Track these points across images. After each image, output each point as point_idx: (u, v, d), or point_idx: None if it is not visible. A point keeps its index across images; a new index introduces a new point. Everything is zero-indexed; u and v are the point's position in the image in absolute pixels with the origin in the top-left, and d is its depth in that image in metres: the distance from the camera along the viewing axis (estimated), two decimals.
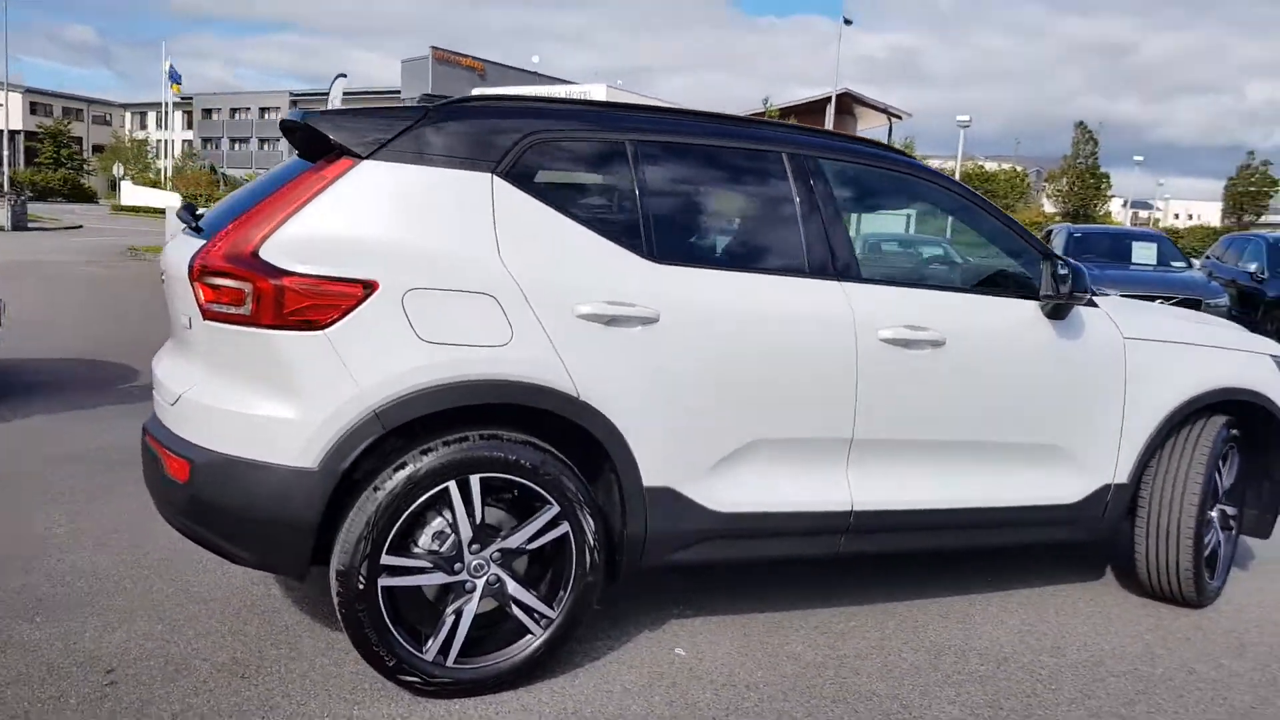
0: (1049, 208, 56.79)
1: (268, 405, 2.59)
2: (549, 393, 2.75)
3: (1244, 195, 53.49)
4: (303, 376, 2.57)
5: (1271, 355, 3.93)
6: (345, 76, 17.98)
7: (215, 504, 2.63)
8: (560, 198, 2.93)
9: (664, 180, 3.10)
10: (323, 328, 2.56)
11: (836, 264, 3.19)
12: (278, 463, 2.57)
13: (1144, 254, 12.90)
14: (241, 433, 2.60)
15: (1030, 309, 3.45)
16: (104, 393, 6.66)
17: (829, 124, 60.46)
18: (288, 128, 3.05)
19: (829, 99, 63.19)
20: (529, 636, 2.84)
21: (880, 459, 3.24)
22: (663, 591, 3.57)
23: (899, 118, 66.95)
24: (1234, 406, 3.76)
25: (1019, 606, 3.73)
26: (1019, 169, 54.80)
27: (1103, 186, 56.58)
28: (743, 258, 3.25)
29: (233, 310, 2.58)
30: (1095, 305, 3.59)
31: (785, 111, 45.38)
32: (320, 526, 2.62)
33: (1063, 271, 3.35)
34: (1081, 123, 56.98)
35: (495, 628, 2.85)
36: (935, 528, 3.39)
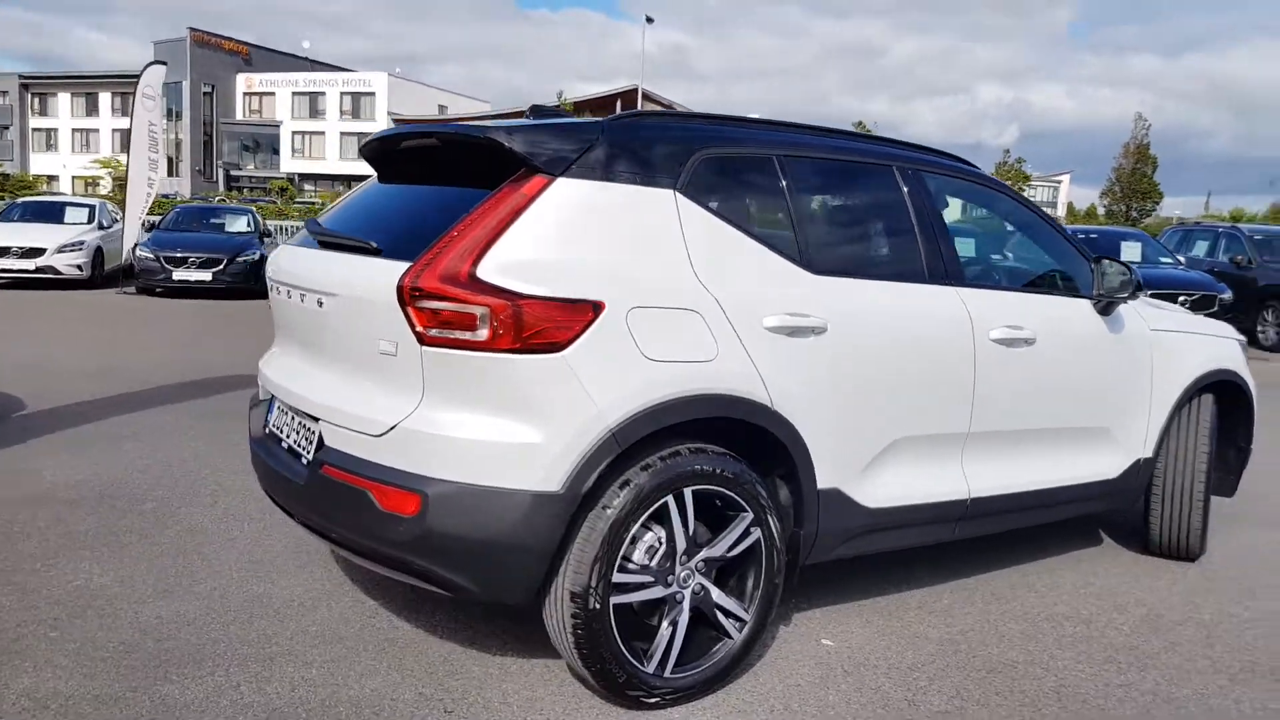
0: None
1: (508, 430, 2.54)
2: (751, 404, 2.84)
3: None
4: (544, 399, 2.54)
5: (1237, 339, 4.57)
6: None
7: (452, 535, 2.54)
8: (730, 213, 3.01)
9: (808, 194, 3.26)
10: (561, 349, 2.54)
11: (949, 270, 3.45)
12: (522, 488, 2.53)
13: (1131, 253, 14.16)
14: (481, 460, 2.54)
15: (1086, 307, 3.86)
16: (7, 423, 5.99)
17: None
18: (452, 140, 2.95)
19: (618, 95, 64.30)
20: (726, 640, 2.92)
21: (987, 450, 3.55)
22: None
23: None
24: (1217, 385, 4.35)
25: (1058, 574, 4.17)
26: None
27: None
28: (878, 266, 3.45)
29: (463, 335, 2.50)
30: (1126, 302, 4.07)
31: (579, 106, 45.86)
32: (556, 551, 2.60)
33: (1118, 272, 3.79)
34: (860, 123, 60.98)
35: (693, 635, 2.91)
36: (1023, 509, 3.75)
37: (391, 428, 2.61)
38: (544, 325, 2.52)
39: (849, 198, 3.52)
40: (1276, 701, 3.07)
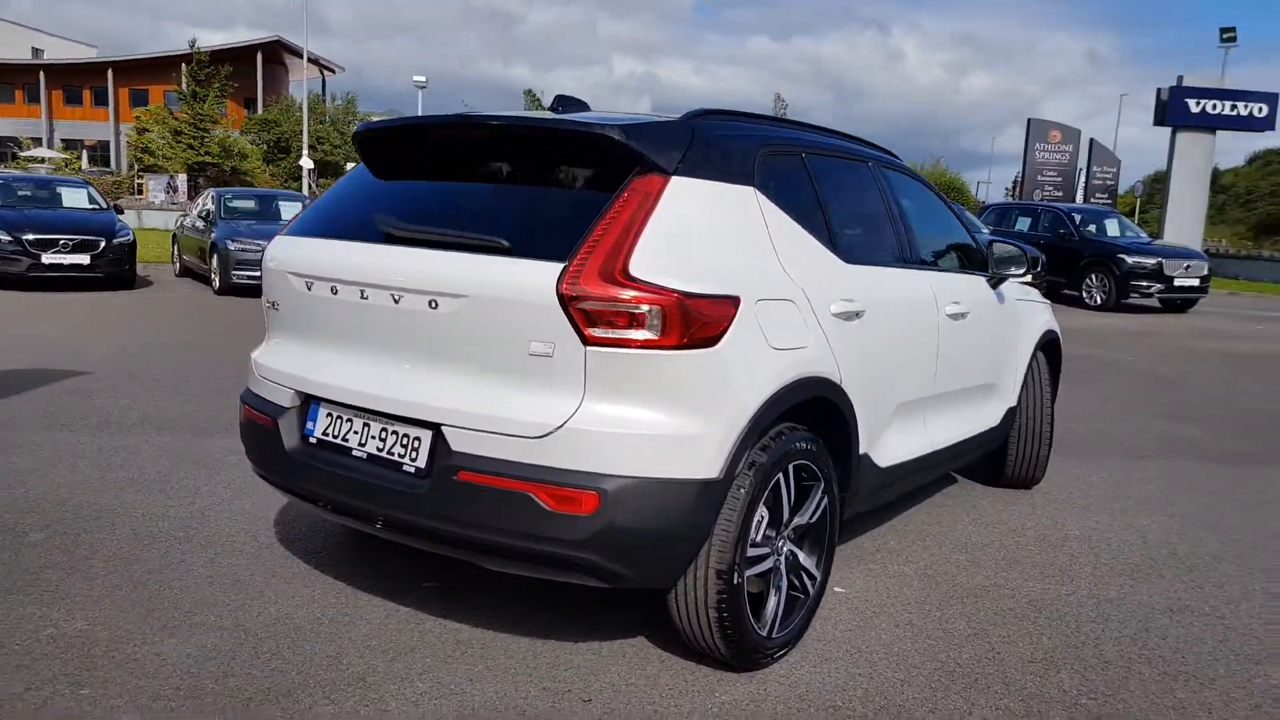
0: None
1: (675, 423, 2.63)
2: (831, 384, 3.15)
3: None
4: (703, 392, 2.66)
5: (1048, 303, 5.58)
6: None
7: (629, 528, 2.60)
8: (789, 208, 3.25)
9: (828, 188, 3.56)
10: (715, 343, 2.67)
11: (916, 255, 3.96)
12: (692, 477, 2.65)
13: None
14: (654, 454, 2.61)
15: (984, 282, 4.56)
16: None
17: (259, 73, 57.49)
18: (554, 135, 2.92)
19: (258, 46, 59.61)
20: (802, 598, 3.23)
21: (939, 408, 4.13)
22: None
23: (332, 71, 65.81)
24: (1049, 342, 5.31)
25: (951, 511, 4.92)
26: None
27: None
28: (879, 254, 3.83)
29: (629, 334, 2.56)
30: (1014, 278, 4.84)
31: (214, 56, 42.26)
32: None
33: (1011, 252, 4.52)
34: (529, 90, 61.38)
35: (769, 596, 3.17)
36: (953, 458, 4.39)
37: (556, 429, 2.60)
38: (703, 321, 2.64)
39: (849, 191, 3.88)
40: (1176, 591, 3.94)
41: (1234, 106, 23.03)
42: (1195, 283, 16.78)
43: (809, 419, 3.15)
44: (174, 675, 2.84)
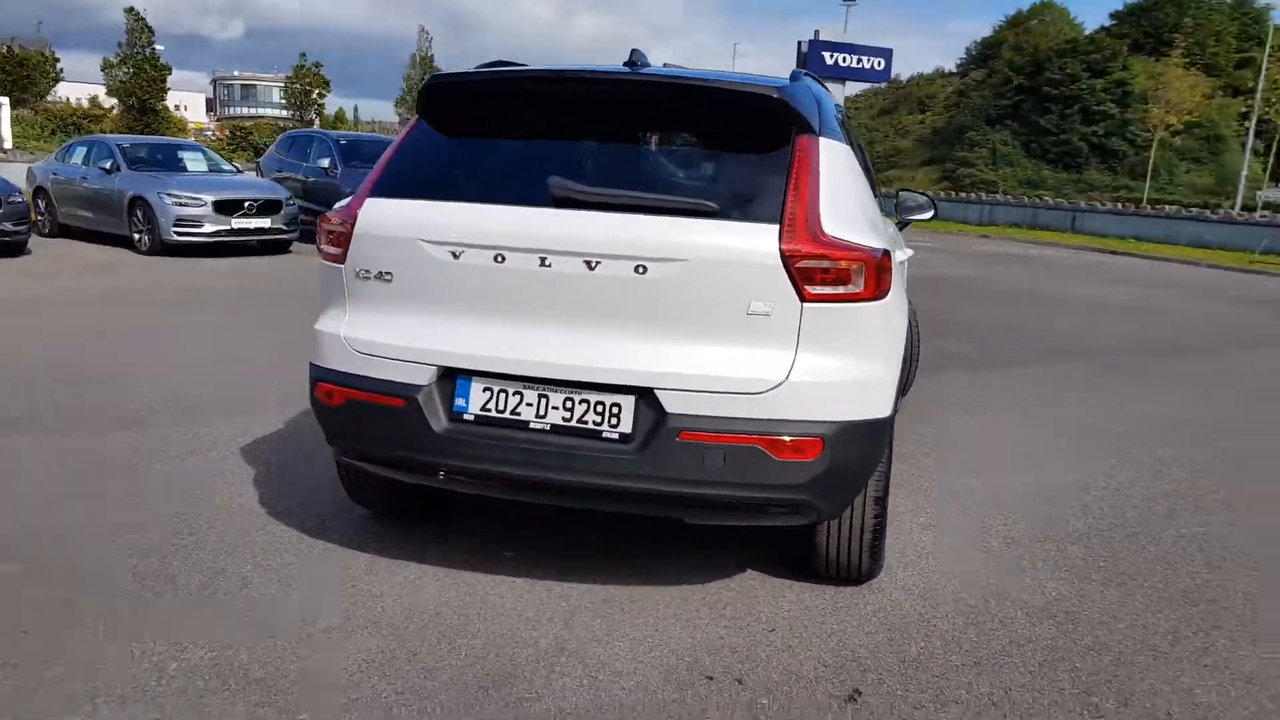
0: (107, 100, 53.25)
1: (869, 369, 2.89)
2: (912, 327, 3.56)
3: (302, 94, 58.77)
4: (885, 338, 2.96)
5: None
6: None
7: (842, 468, 2.84)
8: (862, 166, 3.57)
9: (859, 151, 3.91)
10: (887, 294, 2.96)
11: (885, 207, 4.46)
12: (884, 416, 2.95)
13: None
14: (861, 398, 2.87)
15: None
16: None
17: None
18: (714, 93, 2.97)
19: None
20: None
21: None
22: None
23: None
24: None
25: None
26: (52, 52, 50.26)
27: (164, 79, 55.04)
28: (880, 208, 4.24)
29: (840, 289, 2.78)
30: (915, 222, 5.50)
31: None
32: None
33: (917, 198, 5.20)
34: (132, 9, 54.20)
35: None
36: None
37: (780, 383, 2.77)
38: (886, 274, 2.92)
39: (863, 153, 4.22)
40: (1097, 547, 4.89)
41: (859, 60, 26.44)
42: None
43: None
44: (370, 681, 2.67)
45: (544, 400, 2.90)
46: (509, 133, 3.17)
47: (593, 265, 2.82)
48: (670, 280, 2.79)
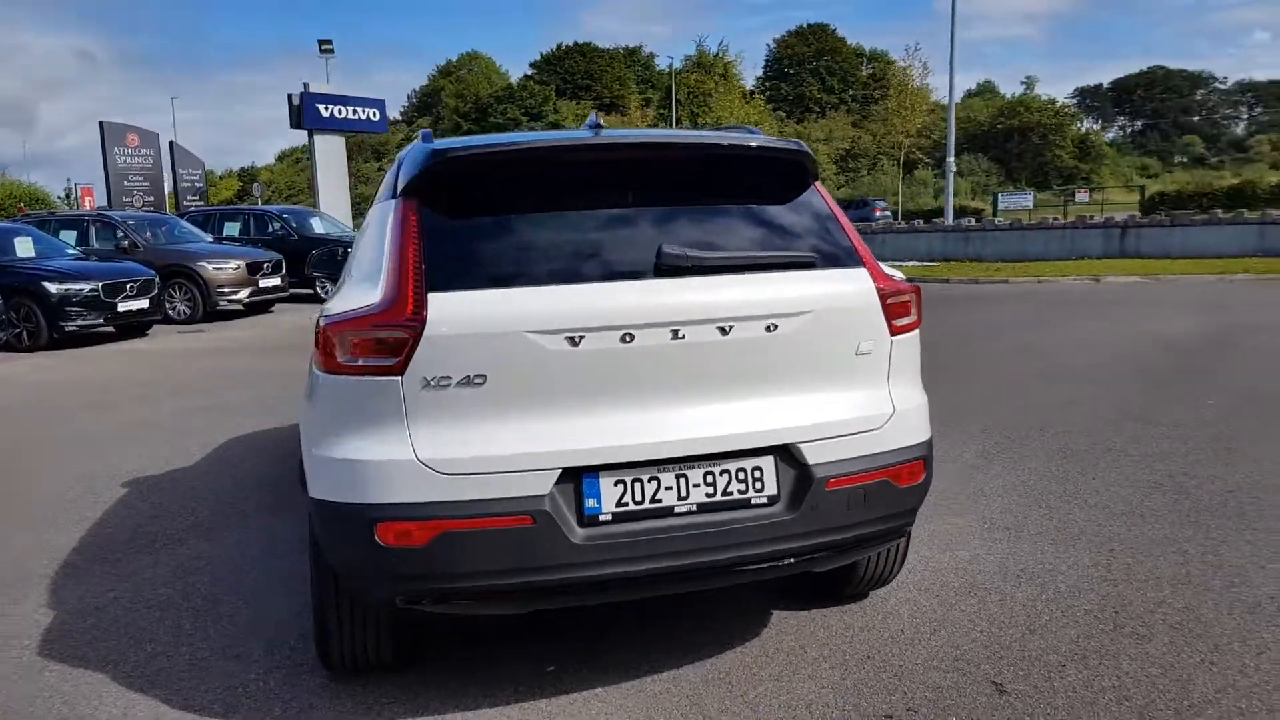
0: None
1: (920, 389, 3.12)
2: None
3: None
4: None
5: None
6: None
7: (929, 485, 3.05)
8: None
9: None
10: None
11: None
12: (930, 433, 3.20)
13: (24, 249, 13.28)
14: (926, 416, 3.08)
15: None
16: None
17: None
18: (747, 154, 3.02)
19: None
20: None
21: None
22: None
23: None
24: None
25: None
26: None
27: None
28: None
29: (907, 320, 3.01)
30: None
31: None
32: None
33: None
34: None
35: None
36: None
37: (891, 415, 2.91)
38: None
39: None
40: None
41: (355, 111, 25.95)
42: None
43: None
44: None
45: (682, 480, 2.69)
46: (563, 204, 2.84)
47: (727, 330, 2.70)
48: (799, 334, 2.79)
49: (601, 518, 2.62)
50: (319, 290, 18.03)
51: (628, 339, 2.63)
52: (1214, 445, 5.61)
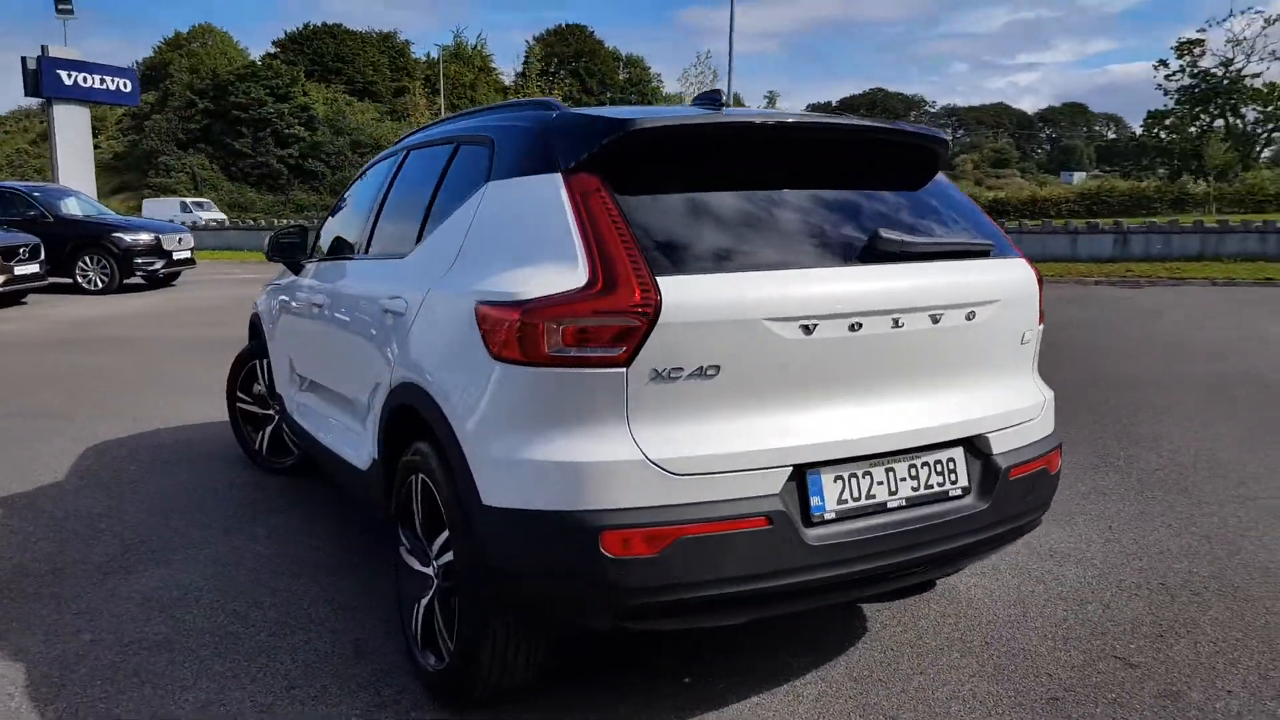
0: None
1: None
2: None
3: None
4: None
5: None
6: None
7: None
8: None
9: None
10: None
11: None
12: None
13: None
14: None
15: None
16: None
17: None
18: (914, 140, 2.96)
19: None
20: None
21: None
22: None
23: None
24: None
25: None
26: None
27: None
28: None
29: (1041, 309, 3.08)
30: None
31: None
32: None
33: None
34: None
35: None
36: None
37: (1044, 402, 2.98)
38: None
39: None
40: None
41: (103, 80, 23.01)
42: (187, 255, 17.28)
43: None
44: None
45: (890, 474, 2.59)
46: (760, 185, 2.63)
47: (937, 319, 2.63)
48: (990, 322, 2.77)
49: (826, 516, 2.47)
50: (79, 280, 15.97)
51: (856, 328, 2.50)
52: None
